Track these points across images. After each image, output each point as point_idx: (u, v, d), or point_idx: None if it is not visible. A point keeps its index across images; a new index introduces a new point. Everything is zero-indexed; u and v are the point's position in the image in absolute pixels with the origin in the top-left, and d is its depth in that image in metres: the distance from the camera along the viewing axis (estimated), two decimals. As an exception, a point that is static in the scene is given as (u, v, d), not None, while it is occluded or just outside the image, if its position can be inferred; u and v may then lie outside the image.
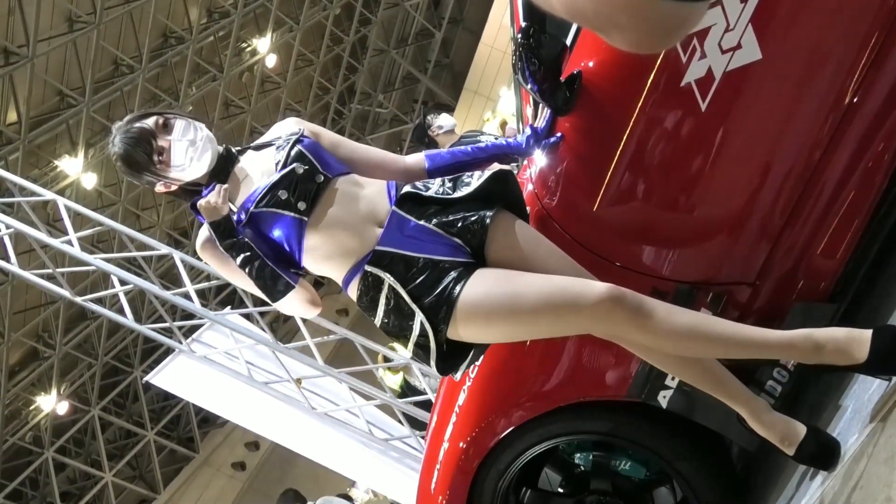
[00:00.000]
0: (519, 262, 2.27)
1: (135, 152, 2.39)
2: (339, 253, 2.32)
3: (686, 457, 2.76)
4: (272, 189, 2.34)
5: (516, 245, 2.30)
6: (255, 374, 6.75)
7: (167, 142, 2.40)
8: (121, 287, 7.12)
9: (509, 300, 2.15)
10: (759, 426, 2.25)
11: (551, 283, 2.14)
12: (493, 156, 2.65)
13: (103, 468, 17.27)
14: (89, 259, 7.03)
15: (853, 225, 2.43)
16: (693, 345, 2.11)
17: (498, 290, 2.17)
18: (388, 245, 2.27)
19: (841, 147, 2.38)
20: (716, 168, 2.46)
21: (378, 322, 2.29)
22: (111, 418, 17.83)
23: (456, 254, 2.27)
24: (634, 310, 2.06)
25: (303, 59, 18.51)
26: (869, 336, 2.03)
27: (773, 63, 2.33)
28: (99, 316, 13.40)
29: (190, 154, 2.41)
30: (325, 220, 2.32)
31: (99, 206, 14.26)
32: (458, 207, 2.32)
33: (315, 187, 2.34)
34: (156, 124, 2.42)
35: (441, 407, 3.09)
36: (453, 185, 2.37)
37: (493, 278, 2.20)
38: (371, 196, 2.38)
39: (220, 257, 2.42)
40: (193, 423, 19.15)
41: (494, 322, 2.17)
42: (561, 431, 2.86)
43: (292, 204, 2.32)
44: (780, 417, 2.25)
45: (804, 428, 2.22)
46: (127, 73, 14.11)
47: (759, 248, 2.50)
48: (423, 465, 3.19)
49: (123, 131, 2.42)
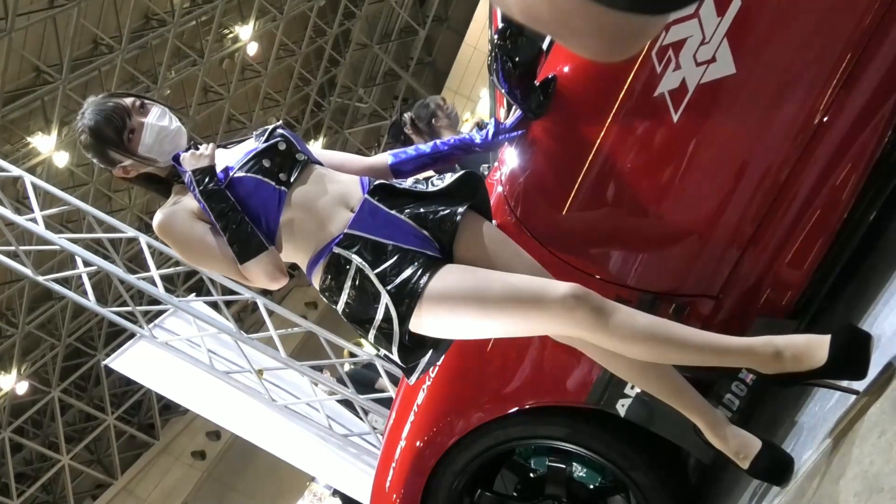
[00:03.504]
0: (484, 261, 2.27)
1: (106, 126, 2.35)
2: (310, 231, 2.31)
3: (642, 467, 2.76)
4: (257, 156, 2.35)
5: (483, 244, 2.30)
6: (216, 364, 6.70)
7: (140, 123, 2.38)
8: (84, 268, 7.05)
9: (475, 293, 2.14)
10: (715, 438, 2.26)
11: (517, 279, 2.15)
12: (456, 148, 2.66)
13: (61, 451, 17.12)
14: (53, 238, 6.96)
15: (818, 243, 2.45)
16: (652, 348, 2.10)
17: (464, 282, 2.16)
18: (359, 229, 2.26)
19: (809, 165, 2.39)
20: (685, 179, 2.47)
21: (340, 306, 2.26)
22: (71, 401, 17.67)
23: (425, 246, 2.26)
24: (596, 309, 2.06)
25: (285, 49, 18.44)
26: (828, 340, 2.03)
27: (746, 78, 2.34)
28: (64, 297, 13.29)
29: (160, 139, 2.39)
30: (302, 197, 2.33)
31: (70, 186, 14.15)
32: (430, 201, 2.33)
33: (297, 164, 2.36)
34: (132, 104, 2.40)
35: (400, 405, 3.08)
36: (425, 184, 2.39)
37: (459, 271, 2.20)
38: (345, 183, 2.39)
39: (180, 236, 2.37)
40: (155, 410, 19.03)
41: (458, 314, 2.16)
42: (518, 435, 2.86)
43: (275, 173, 2.33)
44: (736, 431, 2.25)
45: (759, 442, 2.23)
46: (106, 53, 14.01)
47: (723, 261, 2.51)
48: (379, 462, 3.17)
49: (97, 104, 2.39)
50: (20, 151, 13.37)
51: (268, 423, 6.55)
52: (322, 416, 6.58)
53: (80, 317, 16.80)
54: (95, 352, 17.49)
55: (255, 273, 2.33)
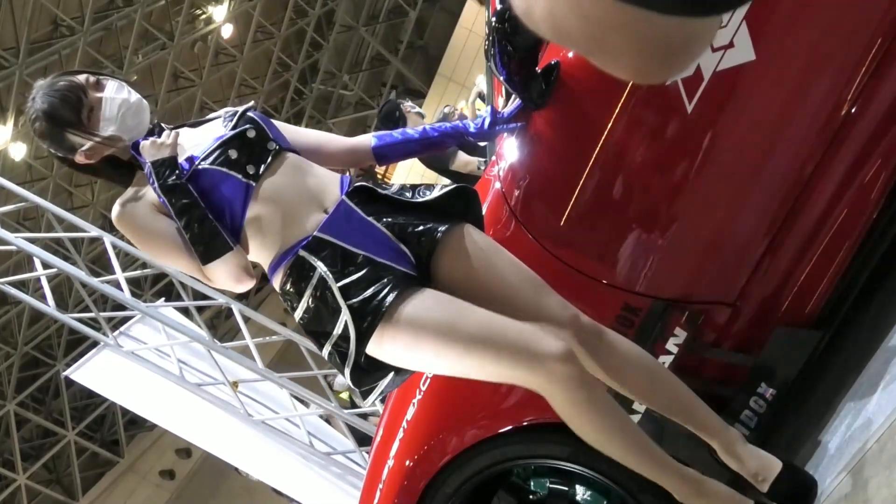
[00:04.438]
0: (467, 282, 2.24)
1: (62, 106, 2.32)
2: (277, 229, 2.28)
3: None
4: (223, 146, 2.33)
5: (468, 265, 2.26)
6: (187, 375, 6.67)
7: (97, 99, 2.35)
8: (43, 271, 7.02)
9: (445, 325, 2.11)
10: (730, 459, 2.26)
11: (498, 322, 2.11)
12: (447, 135, 2.66)
13: (16, 469, 17.04)
14: (9, 238, 6.92)
15: (844, 245, 2.45)
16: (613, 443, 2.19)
17: (436, 311, 2.13)
18: (330, 234, 2.23)
19: (835, 160, 2.39)
20: (699, 176, 2.46)
21: (298, 314, 2.24)
22: (28, 415, 17.59)
23: (398, 260, 2.23)
24: (579, 385, 2.09)
25: (262, 31, 18.40)
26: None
27: (767, 65, 2.33)
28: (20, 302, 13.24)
29: (122, 113, 2.36)
30: (271, 191, 2.30)
31: (28, 181, 14.09)
32: (410, 213, 2.30)
33: (267, 154, 2.34)
34: (87, 81, 2.37)
35: (388, 421, 3.06)
36: (412, 193, 2.35)
37: (433, 299, 2.16)
38: (323, 178, 2.36)
39: (140, 229, 2.35)
40: (119, 425, 18.96)
41: (422, 344, 2.12)
42: (516, 454, 2.84)
43: (242, 165, 2.31)
44: (754, 451, 2.25)
45: (780, 463, 2.23)
46: (67, 35, 13.94)
47: (741, 266, 2.50)
48: (364, 483, 3.16)
49: (48, 86, 2.35)
50: (-27, 143, 13.32)
51: (243, 439, 6.53)
52: (303, 433, 6.56)
53: (37, 323, 16.73)
54: (55, 361, 17.43)
55: (218, 274, 2.32)
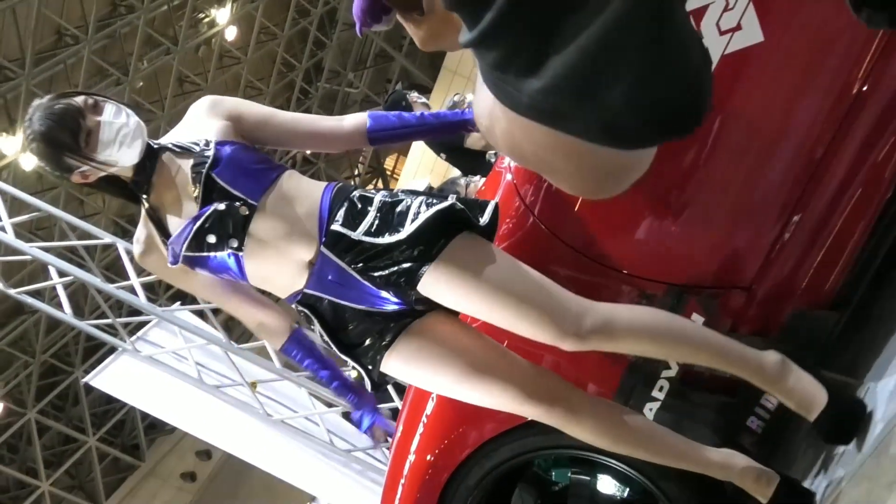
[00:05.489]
0: (461, 301, 2.31)
1: (59, 130, 2.31)
2: (276, 281, 2.42)
3: (672, 476, 2.75)
4: (198, 235, 2.35)
5: (459, 286, 2.27)
6: (205, 377, 6.67)
7: (95, 123, 2.34)
8: (59, 279, 7.03)
9: (432, 376, 2.40)
10: (775, 389, 2.26)
11: (481, 370, 2.36)
12: (447, 124, 2.64)
13: (40, 476, 17.13)
14: (25, 248, 6.93)
15: (859, 225, 2.43)
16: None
17: (421, 364, 2.38)
18: (315, 289, 2.38)
19: (847, 139, 2.37)
20: (710, 160, 2.46)
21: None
22: (49, 422, 17.68)
23: (385, 302, 2.36)
24: (568, 412, 2.35)
25: (266, 32, 18.41)
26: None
27: (775, 46, 2.32)
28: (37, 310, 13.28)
29: (120, 139, 2.36)
30: (259, 252, 2.37)
31: (39, 190, 14.12)
32: (385, 256, 2.30)
33: (242, 220, 2.34)
34: (84, 103, 2.36)
35: (408, 416, 3.06)
36: (385, 222, 2.32)
37: (416, 349, 2.38)
38: (302, 222, 2.36)
39: (164, 277, 2.58)
40: (139, 429, 19.04)
41: (420, 384, 2.49)
42: (537, 445, 2.84)
43: (224, 244, 2.35)
44: (798, 380, 2.26)
45: (826, 395, 2.22)
46: (71, 45, 13.97)
47: (755, 249, 2.49)
48: (386, 479, 3.16)
49: (45, 108, 2.34)
50: (-17, 155, 13.36)
51: (263, 439, 6.53)
52: (322, 431, 6.56)
53: (54, 332, 16.80)
54: (73, 369, 17.50)
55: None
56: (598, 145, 1.12)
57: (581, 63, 1.06)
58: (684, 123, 1.21)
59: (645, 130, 1.16)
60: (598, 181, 1.23)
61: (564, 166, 1.17)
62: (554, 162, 1.17)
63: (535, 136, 1.11)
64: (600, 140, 1.13)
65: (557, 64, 1.06)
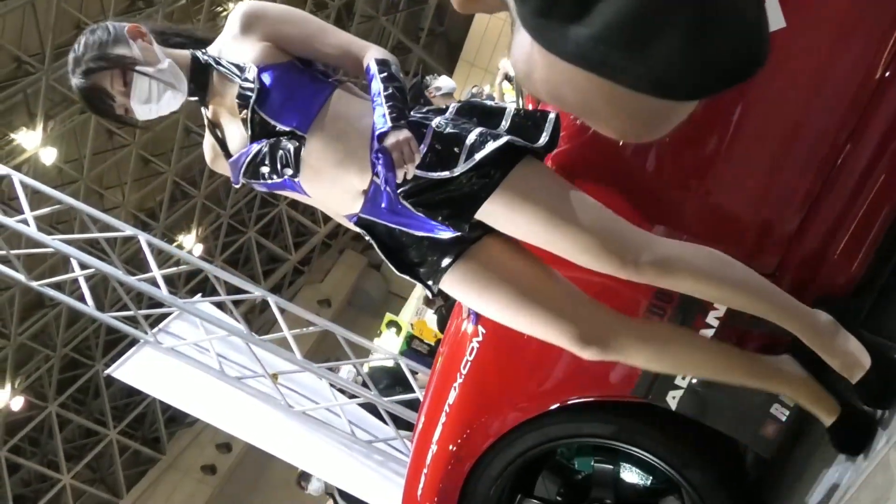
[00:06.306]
0: (521, 227, 2.29)
1: (97, 105, 2.41)
2: (331, 204, 2.47)
3: (695, 464, 2.75)
4: (251, 164, 2.39)
5: (518, 220, 2.26)
6: (226, 369, 6.70)
7: (126, 102, 2.39)
8: (81, 271, 7.07)
9: (485, 301, 2.39)
10: (819, 348, 2.26)
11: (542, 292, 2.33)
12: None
13: (61, 470, 17.26)
14: (47, 240, 6.97)
15: (883, 212, 2.42)
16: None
17: (475, 288, 2.39)
18: (370, 214, 2.38)
19: (871, 126, 2.36)
20: (732, 147, 2.45)
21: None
22: (70, 415, 17.81)
23: (440, 229, 2.33)
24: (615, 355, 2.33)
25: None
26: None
27: (798, 32, 2.30)
28: (57, 303, 13.35)
29: (155, 111, 2.43)
30: (314, 178, 2.37)
31: (59, 184, 14.20)
32: (439, 189, 2.27)
33: (293, 151, 2.34)
34: (111, 81, 2.36)
35: (429, 406, 3.07)
36: (439, 157, 2.27)
37: (472, 274, 2.38)
38: (354, 151, 2.33)
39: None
40: (160, 422, 19.16)
41: (474, 306, 2.48)
42: (559, 434, 2.84)
43: (278, 172, 2.37)
44: (843, 342, 2.27)
45: (869, 358, 2.23)
46: (90, 38, 14.00)
47: (779, 236, 2.48)
48: (409, 469, 3.17)
49: (81, 71, 2.38)
50: (4, 150, 13.44)
51: (285, 430, 6.55)
52: (344, 422, 6.58)
53: (75, 325, 16.91)
54: (94, 362, 17.61)
55: None
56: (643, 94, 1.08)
57: (633, 8, 1.02)
58: (745, 70, 1.16)
59: (702, 82, 1.11)
60: (643, 124, 1.19)
61: (609, 111, 1.13)
62: (597, 107, 1.13)
63: (579, 82, 1.07)
64: (652, 92, 1.08)
65: (607, 10, 1.02)
